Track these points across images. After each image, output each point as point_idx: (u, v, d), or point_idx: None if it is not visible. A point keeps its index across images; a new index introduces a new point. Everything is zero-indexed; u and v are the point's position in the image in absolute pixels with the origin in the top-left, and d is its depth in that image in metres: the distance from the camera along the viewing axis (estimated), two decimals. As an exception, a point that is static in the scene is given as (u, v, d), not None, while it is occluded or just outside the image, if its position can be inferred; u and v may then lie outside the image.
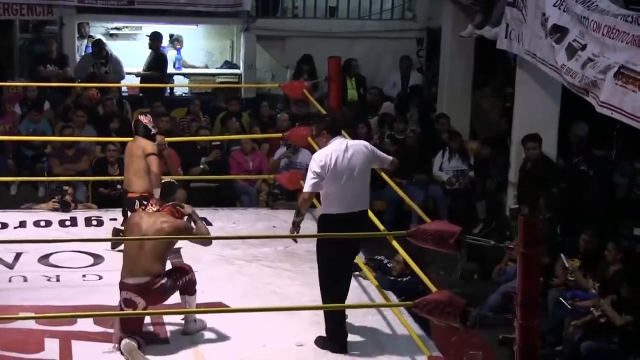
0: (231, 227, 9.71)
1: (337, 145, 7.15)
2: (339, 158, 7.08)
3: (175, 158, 11.44)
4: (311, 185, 7.09)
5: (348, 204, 7.11)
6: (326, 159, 7.07)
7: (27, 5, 13.84)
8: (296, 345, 7.20)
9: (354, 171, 7.10)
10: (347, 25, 15.01)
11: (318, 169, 7.06)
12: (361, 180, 7.17)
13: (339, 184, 7.07)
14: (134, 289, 6.96)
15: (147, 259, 7.00)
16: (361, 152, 7.17)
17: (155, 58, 14.19)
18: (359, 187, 7.17)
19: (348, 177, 7.08)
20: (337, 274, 7.19)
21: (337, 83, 10.54)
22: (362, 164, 7.16)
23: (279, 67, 15.20)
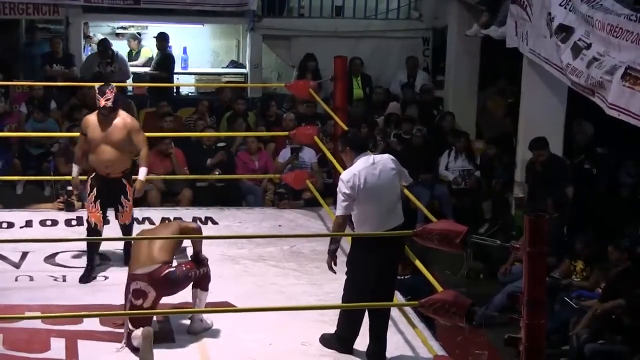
0: (237, 227, 9.71)
1: (364, 163, 6.89)
2: (368, 176, 6.83)
3: (182, 158, 11.47)
4: (343, 208, 6.84)
5: (381, 222, 6.90)
6: (354, 178, 6.81)
7: (32, 5, 13.86)
8: (302, 344, 7.20)
9: (385, 187, 6.88)
10: (352, 24, 15.01)
11: (348, 190, 6.80)
12: (392, 196, 6.94)
13: (372, 202, 6.84)
14: (143, 278, 6.96)
15: (156, 249, 7.06)
16: (389, 167, 6.95)
17: (162, 58, 14.20)
18: (392, 203, 6.94)
19: (380, 194, 6.86)
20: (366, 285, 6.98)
21: (343, 82, 10.53)
22: (391, 180, 6.94)
23: (285, 66, 15.21)
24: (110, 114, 8.11)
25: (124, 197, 8.27)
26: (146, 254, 7.07)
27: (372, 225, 6.90)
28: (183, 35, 15.12)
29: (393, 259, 7.05)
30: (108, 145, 8.11)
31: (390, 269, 7.03)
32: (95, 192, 8.18)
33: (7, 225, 9.38)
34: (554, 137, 10.90)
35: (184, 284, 7.17)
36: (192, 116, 12.94)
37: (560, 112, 10.99)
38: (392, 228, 6.92)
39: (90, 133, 8.16)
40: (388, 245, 6.86)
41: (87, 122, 8.26)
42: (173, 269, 7.09)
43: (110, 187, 8.22)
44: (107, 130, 8.11)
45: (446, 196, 12.00)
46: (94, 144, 8.15)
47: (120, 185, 8.25)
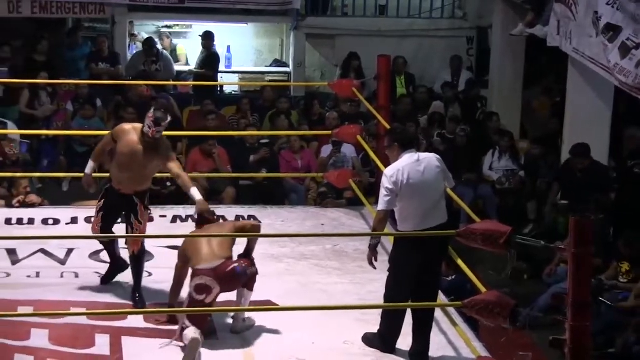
0: (280, 225, 9.72)
1: (408, 159, 6.88)
2: (412, 172, 6.82)
3: (225, 156, 11.51)
4: (385, 203, 6.84)
5: (424, 219, 6.88)
6: (398, 174, 6.82)
7: (79, 4, 13.98)
8: (344, 343, 7.20)
9: (428, 184, 6.87)
10: (396, 23, 14.99)
11: (390, 185, 6.80)
12: (436, 194, 6.93)
13: (414, 199, 6.83)
14: (209, 273, 6.98)
15: (216, 246, 7.12)
16: (434, 165, 6.94)
17: (207, 56, 14.25)
18: (435, 201, 6.92)
19: (422, 191, 6.85)
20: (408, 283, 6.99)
21: (386, 82, 10.52)
22: (435, 177, 6.93)
23: (328, 65, 15.21)
24: (153, 142, 7.59)
25: (134, 216, 7.65)
26: (208, 250, 7.10)
27: (414, 222, 6.89)
28: (227, 34, 15.16)
29: (435, 257, 7.01)
30: (134, 165, 7.60)
31: (432, 267, 7.00)
32: (102, 203, 7.76)
33: (53, 221, 9.45)
34: (599, 137, 10.81)
35: (243, 280, 7.20)
36: (235, 115, 12.98)
37: (605, 112, 10.89)
38: (434, 226, 6.89)
39: (122, 147, 7.62)
40: (430, 244, 6.85)
41: (122, 133, 7.67)
42: (237, 264, 7.13)
43: (121, 202, 7.68)
44: (140, 152, 7.57)
45: (490, 196, 11.94)
46: (120, 158, 7.65)
47: (131, 203, 7.67)
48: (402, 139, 7.03)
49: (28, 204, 10.04)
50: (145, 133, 7.52)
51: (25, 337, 7.01)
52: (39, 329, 7.11)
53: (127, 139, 7.61)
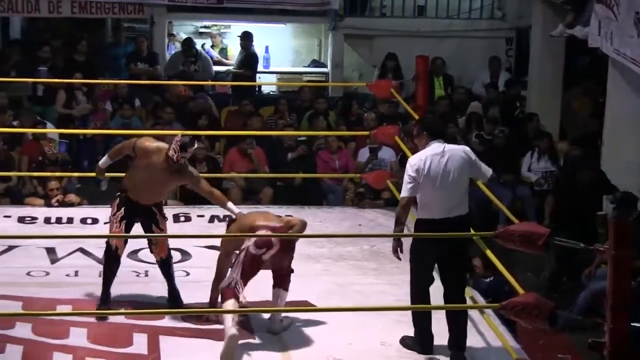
0: (317, 226, 9.72)
1: (433, 150, 6.99)
2: (434, 162, 6.92)
3: (263, 156, 11.53)
4: (408, 190, 6.95)
5: (442, 209, 6.95)
6: (420, 162, 6.94)
7: (118, 4, 14.08)
8: (381, 344, 7.19)
9: (448, 176, 6.93)
10: (434, 24, 14.94)
11: (413, 173, 6.93)
12: (456, 186, 6.97)
13: (433, 189, 6.92)
14: (269, 229, 7.07)
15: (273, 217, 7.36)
16: (459, 158, 7.00)
17: (246, 57, 14.29)
18: (454, 193, 6.97)
19: (442, 182, 6.92)
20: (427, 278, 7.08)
21: (424, 82, 10.50)
22: (458, 170, 6.97)
23: (366, 66, 15.19)
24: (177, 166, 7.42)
25: (155, 225, 7.58)
26: (264, 216, 7.29)
27: (432, 211, 6.97)
28: (265, 34, 15.19)
29: (455, 246, 7.00)
30: (154, 185, 7.51)
31: (452, 256, 7.01)
32: (123, 211, 7.51)
33: (91, 221, 9.52)
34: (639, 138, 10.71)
35: (290, 257, 7.29)
36: (273, 115, 13.00)
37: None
38: (453, 217, 6.95)
39: (143, 165, 7.46)
40: (448, 230, 6.88)
41: (146, 151, 7.47)
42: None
43: (139, 212, 7.57)
44: (162, 175, 7.45)
45: (529, 198, 11.86)
46: (140, 174, 7.50)
47: (150, 212, 7.60)
48: (431, 129, 7.12)
49: (67, 204, 10.12)
50: (170, 157, 7.34)
51: (64, 336, 7.05)
52: (77, 328, 7.16)
53: (150, 161, 7.42)
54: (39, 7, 13.98)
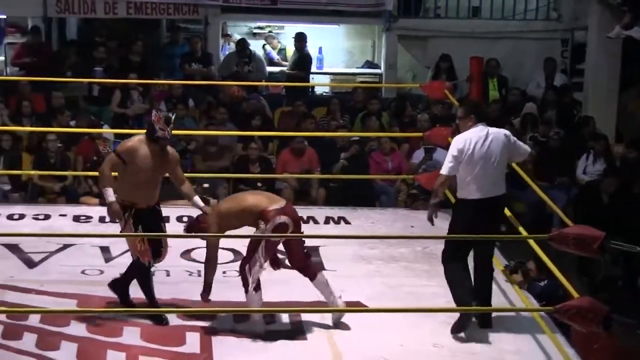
0: (369, 227, 9.71)
1: (478, 132, 7.32)
2: (478, 144, 7.26)
3: (315, 157, 11.53)
4: (448, 168, 7.31)
5: (482, 189, 7.28)
6: (465, 143, 7.27)
7: (173, 5, 14.17)
8: (433, 346, 7.16)
9: (490, 158, 7.27)
10: (489, 25, 14.85)
11: (456, 153, 7.27)
12: (497, 168, 7.31)
13: (475, 170, 7.25)
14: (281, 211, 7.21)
15: (269, 196, 7.52)
16: (500, 141, 7.33)
17: (300, 58, 14.31)
18: (494, 174, 7.31)
19: (484, 163, 7.26)
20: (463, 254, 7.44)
21: (478, 83, 10.44)
22: (499, 152, 7.30)
23: (420, 67, 15.13)
24: (162, 148, 7.42)
25: (163, 224, 7.65)
26: (264, 196, 7.40)
27: (472, 190, 7.29)
28: (319, 35, 15.19)
29: (491, 222, 7.35)
30: (157, 176, 7.46)
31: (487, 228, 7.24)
32: (140, 229, 7.37)
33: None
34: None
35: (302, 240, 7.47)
36: (326, 116, 12.99)
37: None
38: (492, 197, 7.29)
39: (141, 163, 7.30)
40: (486, 210, 7.28)
41: (133, 150, 7.32)
42: None
43: (151, 216, 7.49)
44: (158, 161, 7.39)
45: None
46: (142, 176, 7.34)
47: (157, 211, 7.61)
48: (479, 112, 7.51)
49: (121, 203, 10.18)
50: (160, 138, 7.30)
51: (118, 334, 7.11)
52: (130, 326, 7.21)
53: (141, 155, 7.31)
54: (95, 8, 14.12)
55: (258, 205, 7.25)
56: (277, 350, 7.03)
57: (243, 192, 8.04)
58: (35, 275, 7.85)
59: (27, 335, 7.03)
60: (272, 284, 8.03)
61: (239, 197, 7.59)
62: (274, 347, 7.06)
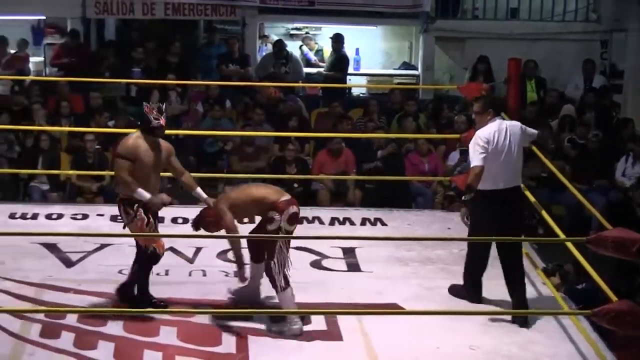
0: (406, 228, 9.68)
1: (498, 125, 7.63)
2: (500, 137, 7.56)
3: (352, 159, 11.52)
4: (481, 159, 7.49)
5: (504, 180, 7.56)
6: (490, 136, 7.55)
7: (211, 6, 14.22)
8: (470, 348, 7.12)
9: (511, 149, 7.58)
10: (528, 26, 14.78)
11: (485, 144, 7.52)
12: (516, 159, 7.64)
13: (497, 162, 7.51)
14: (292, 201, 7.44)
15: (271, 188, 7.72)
16: (517, 133, 7.66)
17: (337, 59, 14.30)
18: (514, 165, 7.64)
19: (506, 155, 7.56)
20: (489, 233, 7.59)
21: (516, 85, 10.37)
22: (518, 143, 7.64)
23: (457, 68, 15.09)
24: (156, 140, 7.43)
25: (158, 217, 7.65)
26: (272, 189, 7.56)
27: (494, 181, 7.52)
28: (356, 36, 15.18)
29: (514, 210, 7.65)
30: (158, 168, 7.50)
31: (512, 219, 7.57)
32: (152, 220, 7.42)
33: (182, 220, 9.59)
34: None
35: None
36: (362, 117, 12.98)
37: None
38: (510, 188, 7.59)
39: (144, 159, 7.33)
40: (509, 199, 7.57)
41: (136, 148, 7.34)
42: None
43: (154, 211, 7.53)
44: (158, 154, 7.43)
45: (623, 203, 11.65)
46: (147, 172, 7.36)
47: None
48: (497, 106, 7.84)
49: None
50: (156, 127, 7.33)
51: (155, 334, 7.13)
52: (167, 326, 7.23)
53: (143, 150, 7.33)
54: (134, 9, 14.21)
55: (268, 197, 7.36)
56: (312, 351, 7.03)
57: (247, 184, 8.11)
58: (73, 275, 7.89)
59: (64, 334, 7.07)
60: (308, 286, 8.05)
61: (246, 188, 7.66)
62: (310, 348, 7.06)
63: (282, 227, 7.29)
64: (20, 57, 14.07)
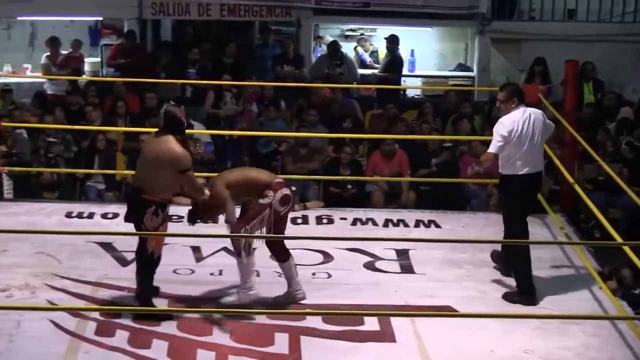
0: (460, 230, 9.64)
1: (522, 113, 7.95)
2: (524, 124, 7.89)
3: (406, 160, 11.47)
4: (497, 147, 7.89)
5: (529, 165, 7.92)
6: (514, 124, 7.87)
7: (266, 7, 14.27)
8: (524, 352, 7.06)
9: (534, 136, 7.92)
10: (585, 28, 14.64)
11: (505, 133, 7.86)
12: (540, 144, 8.01)
13: (522, 148, 7.86)
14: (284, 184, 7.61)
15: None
16: (540, 120, 8.01)
17: (392, 60, 14.27)
18: (538, 150, 8.02)
19: (530, 142, 7.89)
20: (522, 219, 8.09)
21: (573, 87, 10.28)
22: (541, 130, 7.98)
23: (513, 70, 14.98)
24: None
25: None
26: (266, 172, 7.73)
27: (521, 165, 7.92)
28: (411, 37, 15.13)
29: (535, 193, 8.28)
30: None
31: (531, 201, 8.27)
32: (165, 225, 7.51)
33: (236, 221, 9.61)
34: None
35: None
36: (417, 119, 12.93)
37: None
38: (533, 173, 7.97)
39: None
40: (533, 183, 8.05)
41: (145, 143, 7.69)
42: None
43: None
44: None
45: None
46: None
47: None
48: (520, 95, 8.11)
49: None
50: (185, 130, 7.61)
51: (208, 333, 7.16)
52: (220, 326, 7.25)
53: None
54: (189, 10, 14.30)
55: (262, 178, 7.54)
56: (366, 352, 7.01)
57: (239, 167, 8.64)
58: (128, 274, 7.94)
59: (119, 333, 7.12)
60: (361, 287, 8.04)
61: (240, 170, 8.02)
62: (363, 349, 7.05)
63: (272, 204, 7.44)
64: (76, 57, 14.22)
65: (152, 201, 7.32)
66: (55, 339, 7.00)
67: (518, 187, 7.97)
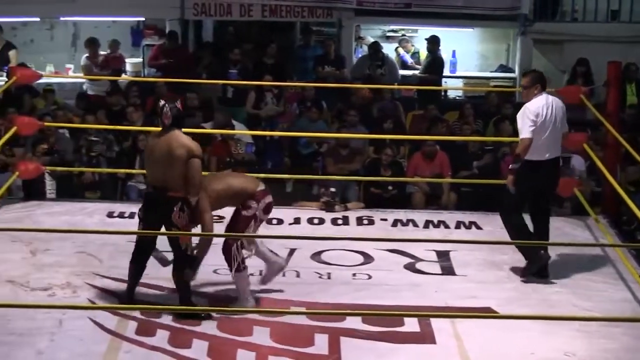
0: (500, 232, 9.57)
1: (545, 100, 8.20)
2: (548, 111, 8.15)
3: (447, 162, 11.44)
4: (530, 131, 8.07)
5: (550, 150, 8.18)
6: (539, 110, 8.12)
7: (308, 8, 14.29)
8: (564, 354, 7.02)
9: (555, 123, 8.18)
10: (628, 28, 14.53)
11: (535, 118, 8.09)
12: (560, 131, 8.26)
13: (545, 134, 8.11)
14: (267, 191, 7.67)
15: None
16: (560, 108, 8.28)
17: (433, 61, 14.24)
18: (558, 137, 8.26)
19: (552, 127, 8.15)
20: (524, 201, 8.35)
21: (616, 88, 10.21)
22: (560, 117, 8.24)
23: (555, 71, 14.86)
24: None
25: None
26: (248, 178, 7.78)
27: (543, 151, 8.16)
28: (452, 38, 15.10)
29: (554, 179, 8.41)
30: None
31: (551, 187, 8.45)
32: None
33: (276, 221, 9.64)
34: None
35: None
36: (458, 120, 12.89)
37: None
38: (552, 158, 8.22)
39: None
40: (552, 168, 8.27)
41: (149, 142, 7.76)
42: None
43: None
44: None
45: None
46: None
47: None
48: (543, 82, 8.32)
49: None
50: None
51: (248, 334, 7.18)
52: (261, 327, 7.27)
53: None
54: (231, 11, 14.37)
55: (246, 188, 7.54)
56: (406, 353, 6.99)
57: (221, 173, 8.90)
58: (168, 274, 7.96)
59: (160, 332, 7.16)
60: (401, 288, 8.03)
61: (225, 178, 7.82)
62: (403, 350, 7.03)
63: (257, 215, 7.51)
64: (116, 57, 14.32)
65: (177, 198, 7.37)
66: (96, 338, 7.04)
67: (545, 172, 8.21)
